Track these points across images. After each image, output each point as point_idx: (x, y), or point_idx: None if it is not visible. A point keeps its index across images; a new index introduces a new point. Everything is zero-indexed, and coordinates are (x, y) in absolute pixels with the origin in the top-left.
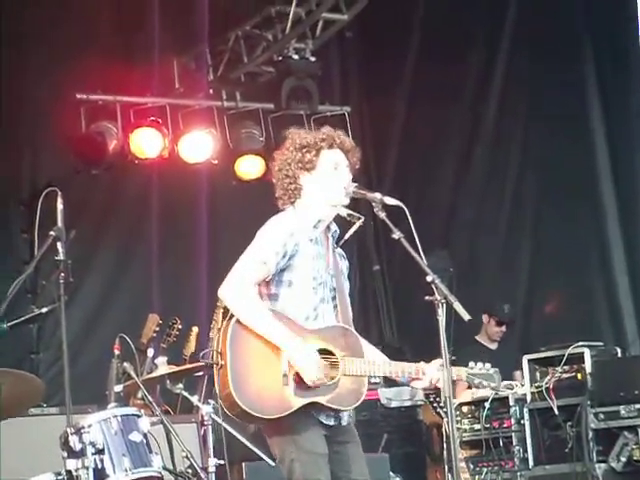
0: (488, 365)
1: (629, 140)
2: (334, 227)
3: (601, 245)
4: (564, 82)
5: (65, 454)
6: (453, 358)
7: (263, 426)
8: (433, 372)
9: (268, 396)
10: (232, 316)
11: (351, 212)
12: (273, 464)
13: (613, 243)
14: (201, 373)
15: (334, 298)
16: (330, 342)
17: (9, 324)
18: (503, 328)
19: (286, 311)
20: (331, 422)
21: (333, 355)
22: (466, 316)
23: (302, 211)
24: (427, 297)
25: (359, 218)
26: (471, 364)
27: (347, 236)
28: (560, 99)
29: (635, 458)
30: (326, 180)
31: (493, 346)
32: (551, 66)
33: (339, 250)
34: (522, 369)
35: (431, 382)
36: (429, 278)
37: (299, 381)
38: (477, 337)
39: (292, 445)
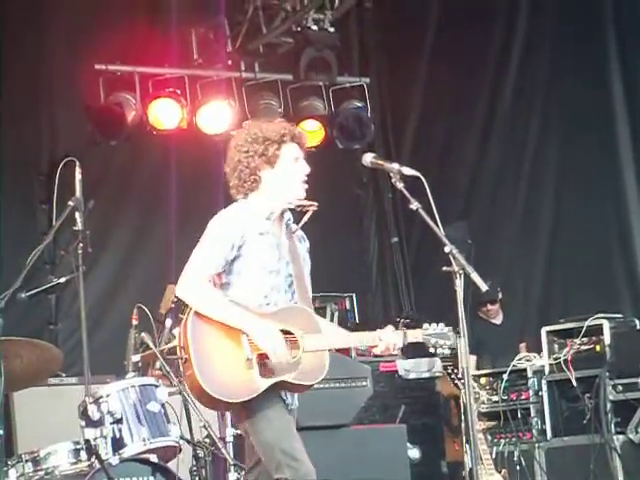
0: (442, 324)
1: None
2: (287, 215)
3: (620, 218)
4: (585, 51)
5: (83, 423)
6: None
7: (232, 412)
8: (388, 337)
9: (234, 381)
10: (190, 310)
11: (301, 203)
12: None
13: (633, 215)
14: (174, 358)
15: (291, 285)
16: (287, 322)
17: (28, 294)
18: (494, 306)
19: (238, 299)
20: (288, 400)
21: (292, 334)
22: (484, 287)
23: (255, 203)
24: (445, 268)
25: (312, 205)
26: (425, 325)
27: (302, 224)
28: (581, 70)
29: None
30: (288, 173)
31: (497, 320)
32: (572, 34)
33: (299, 232)
34: (527, 341)
35: (387, 347)
36: (447, 249)
37: (263, 363)
38: (478, 312)
39: (260, 417)
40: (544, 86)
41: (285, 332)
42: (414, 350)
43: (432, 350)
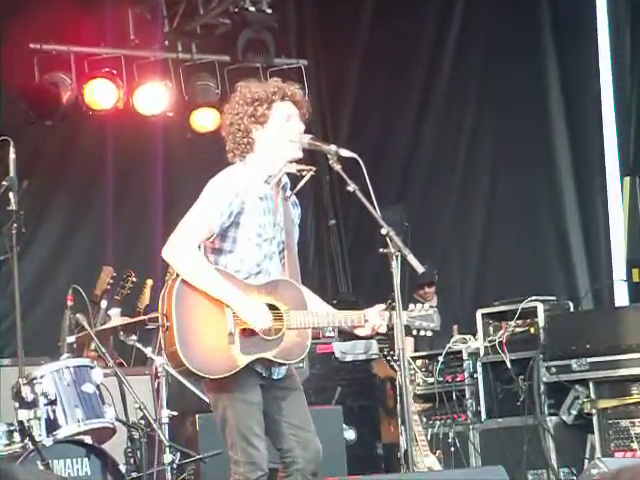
0: (427, 305)
1: (583, 90)
2: (285, 179)
3: (554, 201)
4: (519, 33)
5: (17, 405)
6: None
7: (204, 380)
8: (374, 318)
9: (215, 356)
10: (177, 276)
11: (301, 166)
12: None
13: (566, 198)
14: (155, 325)
15: (282, 252)
16: (273, 296)
17: None
18: (430, 289)
19: (229, 267)
20: (264, 373)
21: (277, 309)
22: (420, 268)
23: (253, 166)
24: (382, 250)
25: (310, 169)
26: (411, 306)
27: (299, 187)
28: (515, 49)
29: (586, 411)
30: (279, 133)
31: (433, 303)
32: (506, 17)
33: (292, 198)
34: (459, 324)
35: (373, 328)
36: (384, 231)
37: (245, 338)
38: (415, 295)
39: (226, 394)
40: (480, 68)
41: (270, 307)
42: (350, 332)
43: (415, 332)
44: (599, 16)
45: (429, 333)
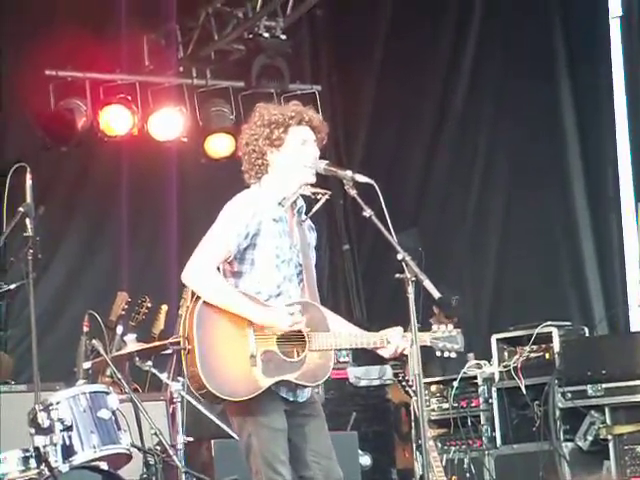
0: (450, 326)
1: (598, 117)
2: (300, 202)
3: (569, 226)
4: (534, 54)
5: (33, 431)
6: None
7: (226, 404)
8: (397, 340)
9: (236, 378)
10: (198, 298)
11: (316, 189)
12: None
13: (581, 224)
14: (170, 351)
15: (300, 274)
16: None
17: None
18: (453, 320)
19: (249, 289)
20: (290, 397)
21: (299, 332)
22: (436, 294)
23: (267, 188)
24: (397, 275)
25: (325, 193)
26: (434, 327)
27: (314, 210)
28: (530, 72)
29: (602, 437)
30: (294, 157)
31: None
32: (521, 38)
33: (308, 222)
34: (473, 350)
35: (396, 350)
36: (400, 256)
37: (267, 360)
38: (430, 321)
39: (250, 420)
40: (493, 94)
41: (293, 330)
42: (365, 357)
43: (439, 354)
44: (613, 40)
45: (453, 355)
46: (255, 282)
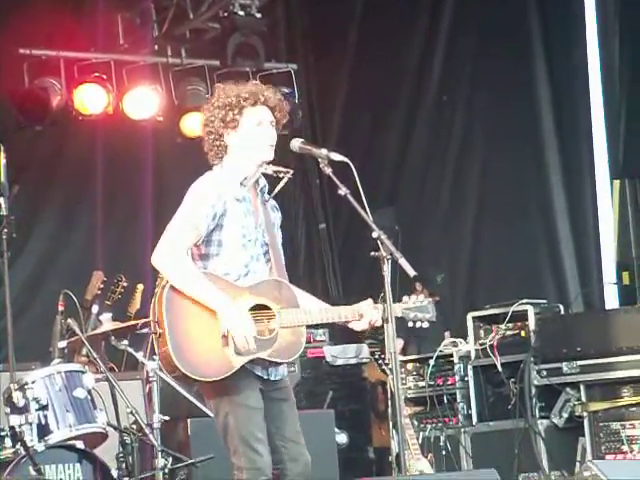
0: (421, 296)
1: (572, 94)
2: (263, 182)
3: (544, 204)
4: (509, 33)
5: (8, 410)
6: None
7: (201, 387)
8: (369, 312)
9: (209, 358)
10: (167, 283)
11: (277, 168)
12: None
13: (556, 202)
14: (146, 330)
15: (266, 253)
16: (265, 296)
17: None
18: (435, 298)
19: (217, 270)
20: (264, 375)
21: (269, 309)
22: (412, 272)
23: (229, 169)
24: (373, 253)
25: (287, 172)
26: (405, 298)
27: (277, 190)
28: (505, 49)
29: (577, 414)
30: (249, 138)
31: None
32: (497, 15)
33: (272, 202)
34: (450, 330)
35: (369, 322)
36: (375, 234)
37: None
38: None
39: (226, 400)
40: (469, 70)
41: (262, 307)
42: (342, 336)
43: (411, 324)
44: (588, 20)
45: (425, 324)
46: (223, 263)
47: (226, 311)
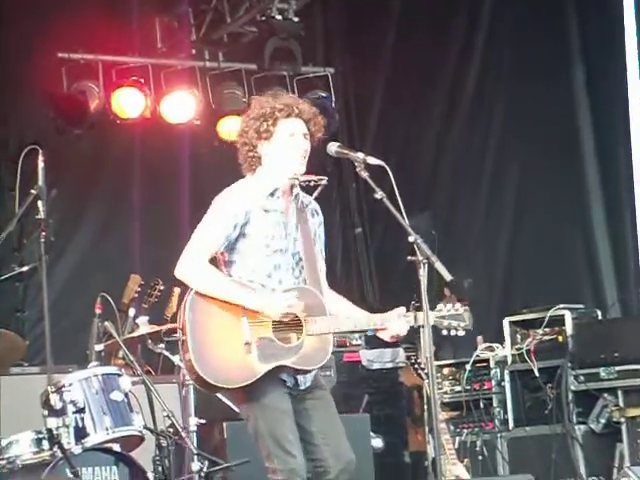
0: (457, 305)
1: (610, 100)
2: (296, 190)
3: (582, 209)
4: (547, 51)
5: (46, 412)
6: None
7: (231, 394)
8: (396, 325)
9: (232, 366)
10: (190, 290)
11: (309, 177)
12: None
13: (594, 207)
14: (174, 338)
15: (299, 262)
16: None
17: None
18: (465, 303)
19: (242, 278)
20: (290, 383)
21: (295, 317)
22: (448, 276)
23: (260, 179)
24: (409, 257)
25: (321, 179)
26: (439, 306)
27: (313, 197)
28: (543, 60)
29: (614, 420)
30: (281, 149)
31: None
32: (534, 32)
33: (312, 206)
34: (484, 333)
35: (393, 335)
36: (411, 238)
37: (262, 347)
38: (442, 303)
39: (255, 404)
40: (507, 77)
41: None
42: (378, 340)
43: (445, 333)
44: (628, 41)
45: (460, 332)
46: (247, 271)
47: (253, 298)
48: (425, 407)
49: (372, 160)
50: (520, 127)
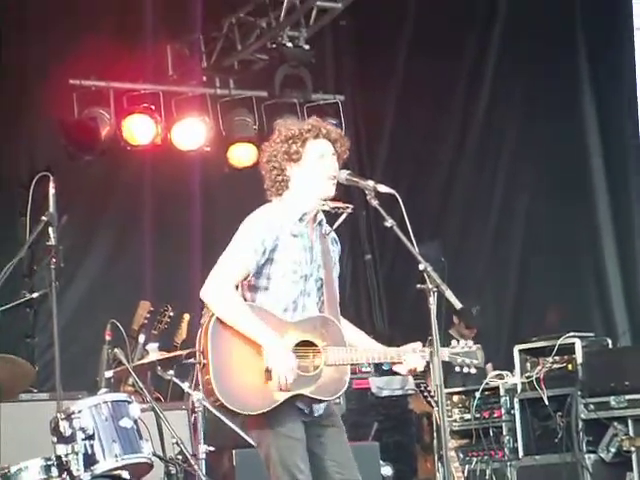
0: (470, 342)
1: (621, 131)
2: (321, 216)
3: (592, 237)
4: (557, 72)
5: (55, 439)
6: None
7: (240, 418)
8: (413, 359)
9: (251, 392)
10: (213, 314)
11: (337, 204)
12: None
13: (604, 235)
14: (192, 360)
15: (320, 288)
16: (311, 333)
17: (0, 308)
18: (473, 330)
19: (265, 304)
20: (306, 410)
21: (315, 345)
22: (458, 305)
23: (288, 203)
24: (419, 285)
25: (347, 207)
26: (453, 342)
27: (335, 226)
28: (553, 88)
29: (624, 449)
30: (311, 170)
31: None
32: (543, 56)
33: (332, 235)
34: (492, 361)
35: (409, 370)
36: (421, 266)
37: None
38: (450, 332)
39: (268, 431)
40: (518, 104)
41: (308, 343)
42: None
43: (458, 369)
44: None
45: (473, 370)
46: (272, 297)
47: (271, 347)
48: (435, 435)
49: (382, 188)
50: (530, 156)
